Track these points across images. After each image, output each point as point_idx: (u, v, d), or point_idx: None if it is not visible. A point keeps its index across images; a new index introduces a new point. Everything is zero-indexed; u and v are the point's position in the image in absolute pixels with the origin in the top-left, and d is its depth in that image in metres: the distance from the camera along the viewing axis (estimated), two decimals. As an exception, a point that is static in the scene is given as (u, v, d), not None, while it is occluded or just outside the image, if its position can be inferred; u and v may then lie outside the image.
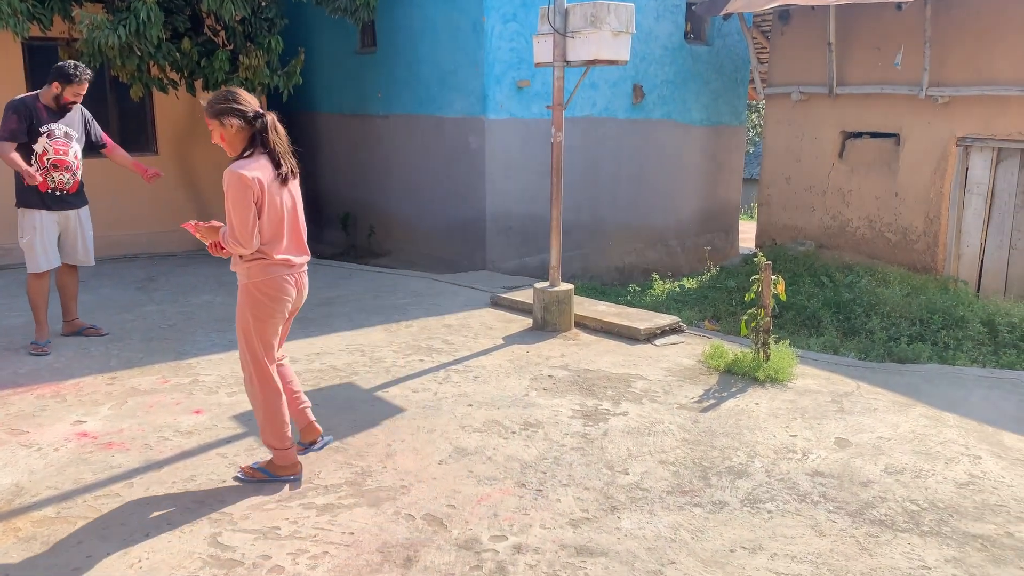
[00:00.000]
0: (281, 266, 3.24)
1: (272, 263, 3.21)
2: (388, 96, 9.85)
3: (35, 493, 3.36)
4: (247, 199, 3.05)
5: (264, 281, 3.22)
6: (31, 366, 5.02)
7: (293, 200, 3.27)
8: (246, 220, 3.07)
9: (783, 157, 10.30)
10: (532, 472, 3.62)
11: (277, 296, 3.25)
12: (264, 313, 3.26)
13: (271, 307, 3.26)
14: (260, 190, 3.09)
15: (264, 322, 3.27)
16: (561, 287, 5.93)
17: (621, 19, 5.40)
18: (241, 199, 3.05)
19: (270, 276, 3.22)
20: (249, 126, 3.17)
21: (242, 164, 3.10)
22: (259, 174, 3.10)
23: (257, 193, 3.08)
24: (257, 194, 3.08)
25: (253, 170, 3.09)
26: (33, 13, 6.91)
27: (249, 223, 3.08)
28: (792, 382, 4.89)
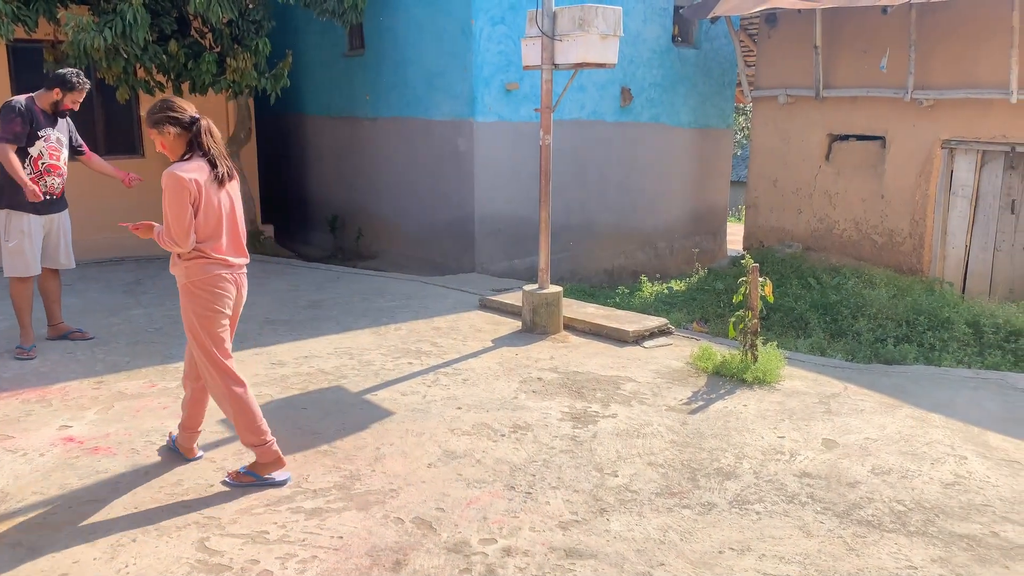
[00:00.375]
0: (219, 264, 3.34)
1: (210, 261, 3.32)
2: (376, 98, 9.84)
3: (20, 498, 3.33)
4: (183, 199, 3.17)
5: (203, 279, 3.32)
6: (16, 371, 4.97)
7: (231, 201, 3.38)
8: (182, 219, 3.18)
9: (770, 159, 10.36)
10: (521, 475, 3.62)
11: (217, 293, 3.35)
12: (208, 311, 3.35)
13: (213, 305, 3.36)
14: (197, 190, 3.21)
15: (209, 319, 3.36)
16: (550, 289, 5.94)
17: (609, 22, 5.41)
18: (177, 199, 3.17)
19: (209, 274, 3.32)
20: (186, 131, 3.29)
21: (180, 166, 3.22)
22: (196, 175, 3.22)
23: (194, 193, 3.20)
24: (194, 194, 3.20)
25: (190, 171, 3.21)
26: (18, 15, 6.86)
27: (185, 222, 3.19)
28: (780, 384, 4.92)
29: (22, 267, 5.17)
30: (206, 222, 3.26)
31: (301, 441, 3.95)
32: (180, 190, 3.16)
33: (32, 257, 5.17)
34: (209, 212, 3.26)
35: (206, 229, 3.27)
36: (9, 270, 5.18)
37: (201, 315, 3.35)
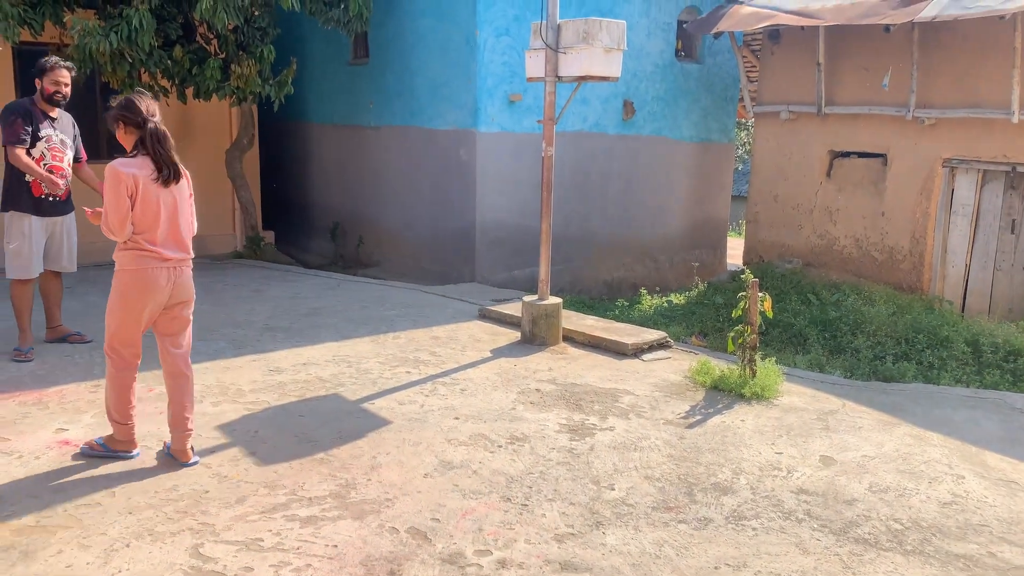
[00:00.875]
0: (151, 257, 3.53)
1: (143, 253, 3.51)
2: (380, 107, 9.87)
3: (14, 501, 3.32)
4: (119, 191, 3.41)
5: (134, 270, 3.52)
6: (13, 373, 4.96)
7: (174, 200, 3.57)
8: (116, 209, 3.42)
9: (771, 175, 10.38)
10: (518, 486, 3.61)
11: (144, 286, 3.53)
12: (129, 300, 3.54)
13: (137, 296, 3.54)
14: (133, 185, 3.43)
15: (126, 309, 3.56)
16: (549, 300, 5.94)
17: (613, 36, 5.44)
18: (114, 191, 3.41)
19: (139, 266, 3.52)
20: (136, 130, 3.51)
21: (122, 161, 3.47)
22: (135, 171, 3.44)
23: (130, 187, 3.42)
24: (130, 188, 3.42)
25: (130, 167, 3.45)
26: (24, 18, 6.89)
27: (119, 213, 3.42)
28: (778, 399, 4.91)
29: (22, 269, 5.17)
30: (143, 216, 3.47)
31: (297, 449, 3.94)
32: (117, 183, 3.40)
33: (32, 259, 5.17)
34: (145, 207, 3.47)
35: (143, 222, 3.48)
36: (9, 271, 5.19)
37: (118, 300, 3.55)
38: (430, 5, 8.92)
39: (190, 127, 9.65)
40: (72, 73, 5.17)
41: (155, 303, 3.59)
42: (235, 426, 4.21)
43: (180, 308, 3.72)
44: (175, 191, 3.57)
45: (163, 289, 3.58)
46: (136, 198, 3.44)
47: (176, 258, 3.61)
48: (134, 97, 3.55)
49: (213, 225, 10.07)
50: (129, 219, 3.44)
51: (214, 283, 7.92)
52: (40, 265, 5.25)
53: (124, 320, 3.57)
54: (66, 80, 5.09)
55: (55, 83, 5.05)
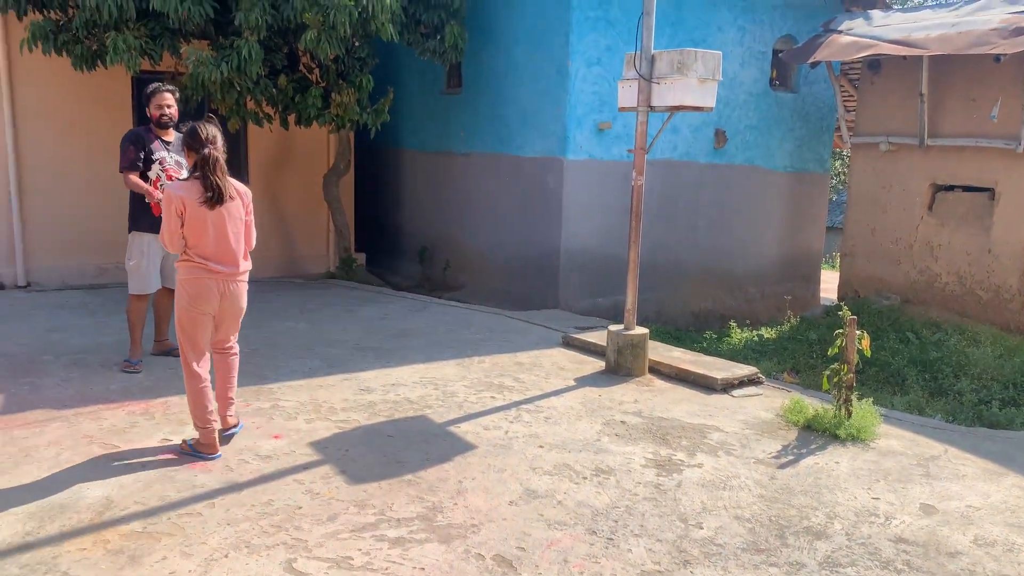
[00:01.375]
0: (200, 269, 3.95)
1: (195, 265, 3.96)
2: (470, 135, 10.06)
3: (124, 507, 3.50)
4: (170, 211, 3.90)
5: (188, 279, 3.99)
6: (123, 383, 5.25)
7: (223, 220, 3.98)
8: (168, 226, 3.92)
9: (869, 208, 10.04)
10: (603, 520, 3.58)
11: (197, 293, 3.96)
12: (188, 307, 3.99)
13: (194, 303, 3.98)
14: (182, 206, 3.88)
15: (189, 316, 4.00)
16: (636, 331, 5.89)
17: (708, 66, 5.41)
18: (166, 210, 3.92)
19: (192, 276, 3.97)
20: (196, 155, 3.95)
21: (175, 185, 4.00)
22: (184, 194, 3.89)
23: (179, 208, 3.88)
24: (179, 209, 3.88)
25: (180, 190, 3.91)
26: (145, 49, 7.35)
27: (170, 229, 3.92)
28: (875, 442, 4.72)
29: (138, 285, 5.51)
30: (191, 233, 3.92)
31: (386, 469, 4.02)
32: (168, 204, 3.91)
33: (148, 275, 5.49)
34: (195, 225, 3.91)
35: (192, 238, 3.93)
36: (130, 287, 5.55)
37: (184, 310, 4.00)
38: (523, 36, 9.07)
39: (291, 152, 10.06)
40: (175, 95, 5.51)
41: (209, 310, 4.03)
42: (327, 444, 4.33)
43: (233, 316, 4.18)
44: (223, 212, 3.98)
45: (214, 298, 4.01)
46: (185, 217, 3.88)
47: (225, 272, 4.02)
48: (198, 125, 3.97)
49: (309, 246, 10.44)
50: (180, 235, 3.92)
51: (308, 302, 8.19)
52: (157, 282, 5.56)
53: (186, 326, 4.01)
54: (169, 102, 5.44)
55: (159, 107, 5.41)
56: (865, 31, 9.22)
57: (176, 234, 3.92)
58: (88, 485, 3.70)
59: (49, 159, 8.63)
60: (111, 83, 8.67)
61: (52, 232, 8.71)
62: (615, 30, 8.68)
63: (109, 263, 8.92)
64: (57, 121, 8.61)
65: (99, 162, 8.82)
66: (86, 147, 8.77)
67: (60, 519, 3.37)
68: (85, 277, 8.86)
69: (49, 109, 8.56)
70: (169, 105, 5.43)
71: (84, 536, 3.24)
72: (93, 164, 8.79)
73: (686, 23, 9.23)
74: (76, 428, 4.41)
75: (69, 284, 8.70)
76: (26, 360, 5.68)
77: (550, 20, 8.67)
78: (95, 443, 4.21)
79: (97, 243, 8.85)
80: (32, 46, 7.37)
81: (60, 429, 4.39)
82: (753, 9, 9.85)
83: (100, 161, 8.82)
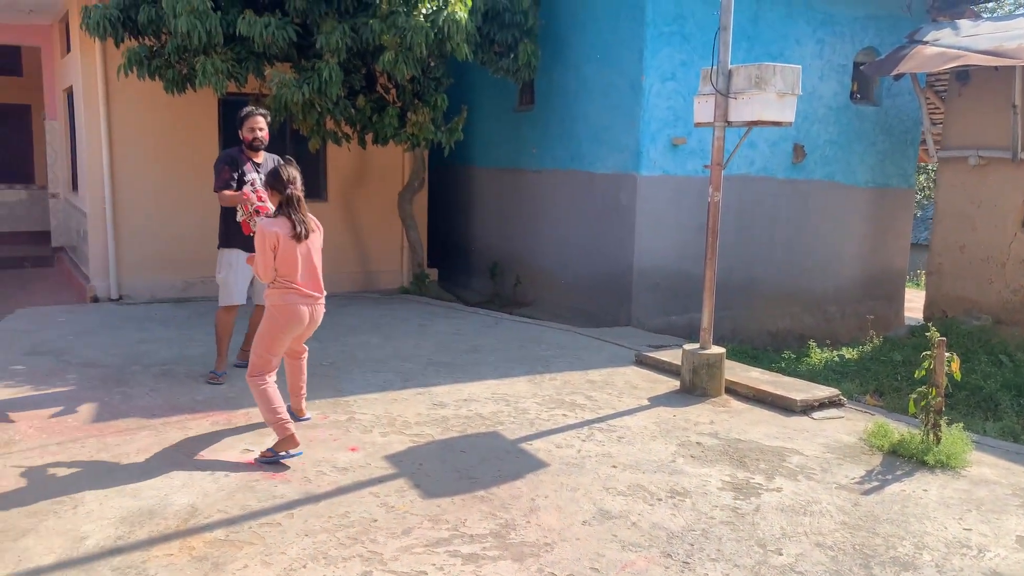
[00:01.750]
0: (294, 293, 4.31)
1: (288, 290, 4.31)
2: (542, 152, 10.11)
3: (208, 515, 3.61)
4: (265, 245, 4.24)
5: (280, 305, 4.32)
6: (207, 394, 5.44)
7: (308, 250, 4.36)
8: (263, 259, 4.26)
9: (957, 224, 9.63)
10: (679, 543, 3.51)
11: (289, 317, 4.32)
12: (277, 329, 4.32)
13: (283, 325, 4.32)
14: (276, 240, 4.23)
15: (275, 336, 4.33)
16: (712, 350, 5.78)
17: (787, 81, 5.30)
18: (260, 244, 4.26)
19: (284, 301, 4.31)
20: (280, 195, 4.33)
21: (268, 221, 4.33)
22: (277, 229, 4.25)
23: (273, 242, 4.23)
24: (273, 243, 4.23)
25: (273, 226, 4.26)
26: (232, 72, 7.66)
27: (264, 261, 4.26)
28: (966, 469, 4.50)
29: (225, 296, 5.74)
30: (283, 263, 4.26)
31: (459, 485, 4.04)
32: (263, 239, 4.24)
33: (234, 288, 5.71)
34: (286, 256, 4.26)
35: (283, 267, 4.27)
36: (220, 299, 5.79)
37: (271, 331, 4.32)
38: (596, 52, 9.07)
39: (367, 170, 10.30)
40: (267, 119, 5.71)
41: (298, 332, 4.40)
42: (401, 457, 4.38)
43: (309, 332, 4.55)
44: (308, 244, 4.36)
45: (304, 319, 4.36)
46: (278, 250, 4.24)
47: (314, 296, 4.39)
48: (279, 168, 4.37)
49: (384, 262, 10.64)
50: (273, 266, 4.26)
51: (382, 317, 8.34)
52: (243, 295, 5.78)
53: (271, 346, 4.34)
54: (260, 126, 5.64)
55: (251, 130, 5.61)
56: (953, 41, 8.89)
57: (270, 266, 4.26)
58: (175, 492, 3.83)
59: (141, 178, 9.05)
60: (199, 105, 9.06)
61: (142, 247, 9.12)
62: (690, 45, 8.60)
63: (195, 277, 9.29)
64: (149, 142, 9.04)
65: (187, 181, 9.22)
66: (175, 166, 9.17)
67: (149, 525, 3.50)
68: (173, 291, 9.24)
69: (141, 130, 8.99)
70: (261, 128, 5.64)
71: (171, 542, 3.35)
72: (181, 183, 9.19)
73: (763, 37, 9.08)
74: (163, 437, 4.59)
75: (157, 297, 9.08)
76: (117, 370, 5.95)
77: (624, 36, 8.66)
78: (181, 451, 4.36)
79: (184, 258, 9.23)
80: (128, 71, 7.77)
81: (149, 437, 4.57)
82: (833, 21, 9.62)
83: (188, 180, 9.22)
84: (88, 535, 3.39)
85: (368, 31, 7.64)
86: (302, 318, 4.35)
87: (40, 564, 3.16)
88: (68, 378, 5.73)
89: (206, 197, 9.35)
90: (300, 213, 4.32)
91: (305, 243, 4.33)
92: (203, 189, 9.35)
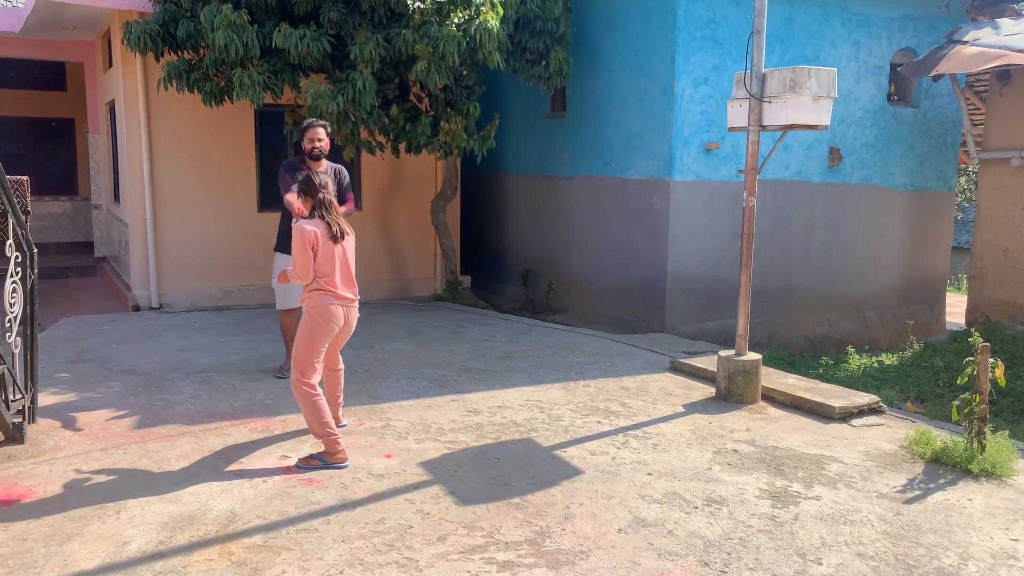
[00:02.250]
0: (331, 296, 4.37)
1: (324, 292, 4.36)
2: (574, 158, 10.10)
3: (246, 521, 3.66)
4: (304, 245, 4.30)
5: (318, 306, 4.36)
6: (245, 400, 5.52)
7: (344, 252, 4.45)
8: (302, 258, 4.31)
9: (1000, 227, 9.42)
10: (716, 552, 3.47)
11: (327, 318, 4.36)
12: (316, 330, 4.36)
13: (322, 327, 4.36)
14: (315, 240, 4.31)
15: (315, 338, 4.37)
16: (748, 356, 5.72)
17: (822, 84, 5.24)
18: (300, 244, 4.31)
19: (322, 303, 4.36)
20: (312, 200, 4.43)
21: (306, 222, 4.39)
22: (315, 229, 4.33)
23: (312, 242, 4.31)
24: (312, 243, 4.31)
25: (311, 226, 4.34)
26: (268, 84, 7.78)
27: (304, 261, 4.31)
28: (1012, 478, 4.39)
29: (283, 301, 6.07)
30: (322, 264, 4.34)
31: (494, 492, 4.05)
32: (302, 238, 4.30)
33: (291, 291, 5.91)
34: (324, 257, 4.34)
35: (322, 269, 4.34)
36: (277, 304, 6.13)
37: (311, 333, 4.36)
38: (627, 58, 9.06)
39: (400, 178, 10.39)
40: (327, 129, 5.88)
41: (335, 333, 4.43)
42: (436, 464, 4.40)
43: (345, 336, 4.61)
44: (344, 245, 4.46)
45: (340, 320, 4.42)
46: (317, 250, 4.32)
47: (349, 297, 4.47)
48: (311, 174, 4.47)
49: (417, 269, 10.71)
50: (312, 266, 4.32)
51: (416, 324, 8.39)
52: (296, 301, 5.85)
53: (311, 347, 4.36)
54: (319, 136, 5.81)
55: (311, 140, 5.77)
56: (993, 41, 8.71)
57: (309, 264, 4.32)
58: (214, 498, 3.89)
59: (180, 189, 9.24)
60: (236, 117, 9.22)
61: (182, 257, 9.30)
62: (722, 49, 8.54)
63: (233, 286, 9.44)
64: (188, 154, 9.22)
65: (225, 191, 9.38)
66: (213, 177, 9.34)
67: (189, 530, 3.56)
68: (212, 299, 9.40)
69: (181, 143, 9.18)
70: (320, 139, 5.80)
71: (211, 547, 3.41)
72: (220, 193, 9.36)
73: (797, 40, 8.98)
74: (203, 443, 4.66)
75: (197, 306, 9.25)
76: (159, 377, 6.07)
77: (655, 42, 8.63)
78: (220, 458, 4.43)
79: (223, 267, 9.40)
80: (168, 84, 7.94)
81: (189, 444, 4.65)
82: (868, 23, 9.49)
83: (226, 190, 9.39)
84: (131, 540, 3.46)
85: (401, 41, 7.72)
86: (338, 318, 4.41)
87: (84, 568, 3.23)
88: (111, 385, 5.85)
89: (243, 207, 9.58)
90: (333, 216, 4.42)
91: (341, 244, 4.42)
92: (240, 200, 9.53)
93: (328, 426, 4.33)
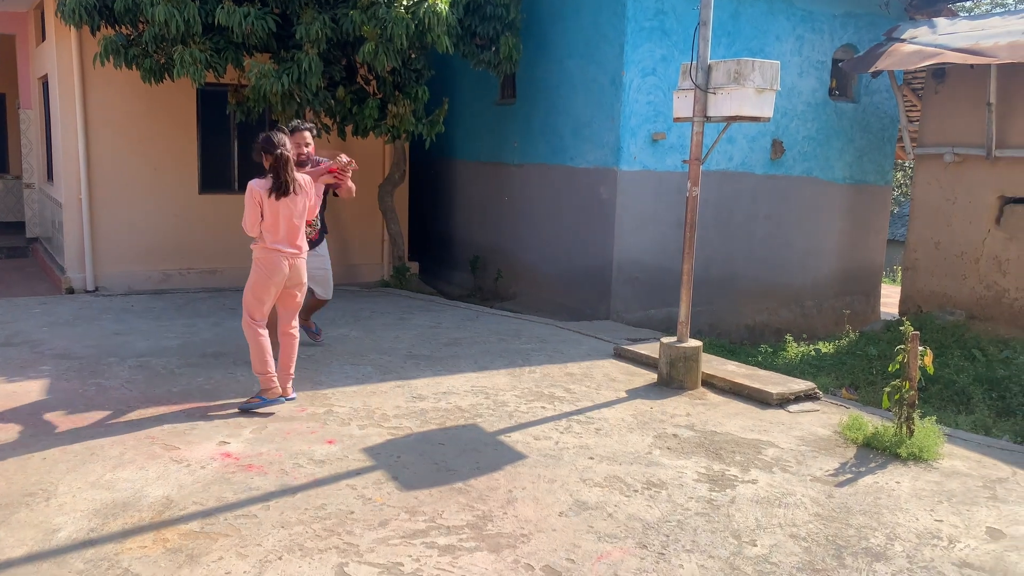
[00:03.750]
0: (273, 251, 4.79)
1: (267, 247, 4.80)
2: (523, 146, 10.10)
3: (182, 507, 3.59)
4: (252, 201, 4.73)
5: (261, 258, 4.82)
6: (184, 386, 5.40)
7: (289, 210, 4.80)
8: (250, 214, 4.74)
9: (932, 220, 9.75)
10: (654, 534, 3.53)
11: (270, 270, 4.81)
12: (259, 280, 4.83)
13: (265, 278, 4.82)
14: (261, 198, 4.71)
15: (260, 286, 4.84)
16: (689, 343, 5.82)
17: (766, 76, 5.33)
18: (249, 200, 4.74)
19: (264, 255, 4.81)
20: (270, 156, 4.73)
21: (256, 181, 4.77)
22: (261, 190, 4.72)
23: (258, 199, 4.71)
24: (258, 200, 4.71)
25: (260, 185, 4.74)
26: (210, 62, 7.58)
27: (252, 216, 4.74)
28: (938, 462, 4.57)
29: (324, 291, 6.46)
30: (268, 220, 4.74)
31: (437, 477, 4.05)
32: (251, 195, 4.72)
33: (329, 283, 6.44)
34: (270, 214, 4.74)
35: (267, 225, 4.75)
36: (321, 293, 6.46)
37: (253, 281, 4.85)
38: (577, 47, 9.08)
39: (347, 162, 10.23)
40: (313, 133, 5.73)
41: (278, 283, 4.84)
42: (379, 450, 4.38)
43: (295, 289, 4.98)
44: (288, 203, 4.78)
45: (283, 272, 4.83)
46: (263, 207, 4.72)
47: (290, 252, 4.85)
48: (270, 133, 4.76)
49: (364, 255, 10.60)
50: (259, 222, 4.74)
51: (362, 310, 8.31)
52: None
53: (257, 295, 4.84)
54: (307, 140, 5.67)
55: (297, 145, 5.52)
56: (930, 40, 8.99)
57: (256, 221, 4.75)
58: (149, 484, 3.81)
59: (117, 168, 8.95)
60: (177, 95, 8.97)
61: (119, 238, 9.03)
62: (670, 40, 8.63)
63: (173, 269, 9.21)
64: (126, 132, 8.94)
65: (165, 172, 9.13)
66: (153, 157, 9.08)
67: (123, 517, 3.47)
68: (150, 282, 9.15)
69: (118, 120, 8.88)
70: (308, 143, 5.66)
71: (145, 534, 3.33)
72: (159, 174, 9.10)
73: (743, 33, 9.12)
74: (139, 428, 4.55)
75: (135, 289, 9.00)
76: (93, 361, 5.89)
77: (605, 31, 8.67)
78: (157, 444, 4.33)
79: (162, 250, 9.15)
80: (104, 60, 7.67)
81: (123, 429, 4.53)
82: (812, 19, 9.69)
83: (166, 171, 9.13)
84: (60, 527, 3.36)
85: (348, 22, 7.59)
86: (281, 269, 4.82)
87: (11, 556, 3.12)
88: (42, 369, 5.66)
89: (184, 189, 9.33)
90: (286, 172, 4.72)
91: (284, 202, 4.75)
92: (181, 181, 9.29)
93: (267, 364, 4.84)
